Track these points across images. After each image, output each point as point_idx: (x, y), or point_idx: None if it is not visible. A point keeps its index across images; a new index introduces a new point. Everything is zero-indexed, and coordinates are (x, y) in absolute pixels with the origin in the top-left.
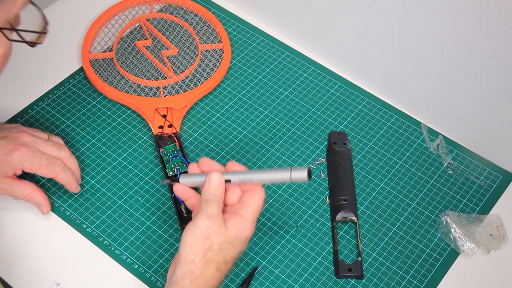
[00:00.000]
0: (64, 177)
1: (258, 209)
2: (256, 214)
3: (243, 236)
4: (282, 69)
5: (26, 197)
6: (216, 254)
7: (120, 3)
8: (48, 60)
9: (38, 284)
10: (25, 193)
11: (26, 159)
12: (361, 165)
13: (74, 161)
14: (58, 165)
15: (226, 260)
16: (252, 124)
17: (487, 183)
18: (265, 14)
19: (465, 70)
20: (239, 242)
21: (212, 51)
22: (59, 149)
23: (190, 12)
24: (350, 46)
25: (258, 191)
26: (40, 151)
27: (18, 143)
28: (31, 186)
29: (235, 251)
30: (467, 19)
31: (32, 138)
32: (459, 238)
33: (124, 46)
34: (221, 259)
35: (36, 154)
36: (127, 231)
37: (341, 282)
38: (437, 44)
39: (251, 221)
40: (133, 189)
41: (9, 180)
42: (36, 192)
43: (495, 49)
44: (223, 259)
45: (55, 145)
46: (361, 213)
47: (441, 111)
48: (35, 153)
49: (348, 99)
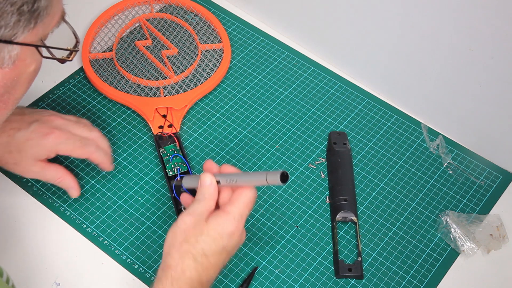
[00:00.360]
0: (98, 156)
1: (244, 206)
2: (242, 210)
3: (224, 230)
4: (282, 69)
5: (56, 180)
6: (192, 246)
7: (120, 3)
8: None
9: (38, 284)
10: (56, 176)
11: (60, 142)
12: (361, 165)
13: (105, 140)
14: (91, 145)
15: (204, 253)
16: (252, 124)
17: (487, 183)
18: (265, 14)
19: (465, 70)
20: (218, 235)
21: (212, 51)
22: (90, 130)
23: (190, 12)
24: (350, 46)
25: (247, 190)
26: (73, 133)
27: (51, 126)
28: (62, 170)
29: (214, 244)
30: (467, 19)
31: (63, 120)
32: (459, 238)
33: (124, 46)
34: (198, 251)
35: (69, 136)
36: (127, 231)
37: (341, 282)
38: (437, 44)
39: (236, 217)
40: (133, 189)
41: (41, 163)
42: (66, 175)
43: (495, 49)
44: (201, 251)
45: (86, 126)
46: (361, 213)
47: (441, 111)
48: (68, 135)
49: (348, 99)
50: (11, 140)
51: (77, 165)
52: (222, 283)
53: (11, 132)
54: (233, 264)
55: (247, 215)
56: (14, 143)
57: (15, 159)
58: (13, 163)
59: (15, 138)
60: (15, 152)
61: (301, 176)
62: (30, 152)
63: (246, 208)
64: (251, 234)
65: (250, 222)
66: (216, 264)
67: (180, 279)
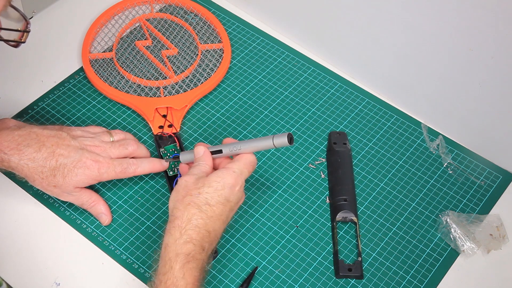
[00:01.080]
0: (142, 170)
1: (244, 165)
2: (242, 168)
3: (225, 181)
4: (282, 69)
5: (90, 205)
6: (195, 197)
7: (120, 3)
8: (48, 60)
9: (38, 284)
10: (90, 201)
11: (104, 172)
12: (361, 165)
13: (142, 149)
14: (131, 164)
15: (208, 202)
16: (252, 124)
17: (487, 183)
18: (265, 14)
19: (465, 70)
20: (220, 186)
21: (212, 51)
22: (125, 147)
23: (190, 12)
24: (350, 46)
25: (247, 154)
26: (112, 158)
27: (95, 157)
28: (95, 195)
29: (216, 194)
30: (467, 19)
31: (102, 148)
32: (459, 238)
33: (124, 46)
34: (201, 200)
35: (110, 164)
36: (127, 231)
37: (341, 282)
38: (437, 44)
39: (236, 171)
40: (133, 189)
41: (79, 189)
42: (99, 201)
43: (495, 49)
44: (204, 200)
45: (121, 146)
46: (361, 213)
47: (441, 111)
48: (109, 163)
49: (348, 99)
50: (58, 166)
51: None
52: (222, 283)
53: (59, 158)
54: (233, 264)
55: (247, 176)
56: (61, 169)
57: (57, 183)
58: (53, 185)
59: (62, 165)
60: (59, 177)
61: (301, 176)
62: (74, 180)
63: (246, 168)
64: (251, 234)
65: (250, 222)
66: (220, 215)
67: (187, 227)
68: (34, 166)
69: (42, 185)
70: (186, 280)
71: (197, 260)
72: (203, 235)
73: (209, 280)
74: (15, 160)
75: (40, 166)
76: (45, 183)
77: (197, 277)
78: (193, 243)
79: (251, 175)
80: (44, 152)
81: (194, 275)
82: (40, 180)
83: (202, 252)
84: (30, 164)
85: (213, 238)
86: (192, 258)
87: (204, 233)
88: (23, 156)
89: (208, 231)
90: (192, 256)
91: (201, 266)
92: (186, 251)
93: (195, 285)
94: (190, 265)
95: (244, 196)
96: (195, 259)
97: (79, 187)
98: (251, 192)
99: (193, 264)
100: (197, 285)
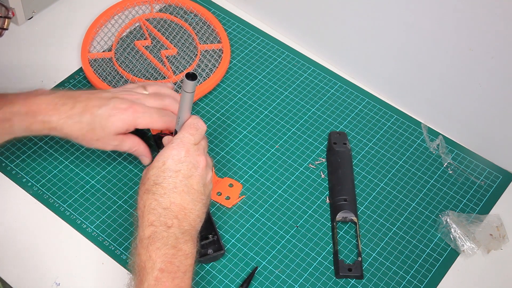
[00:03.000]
0: None
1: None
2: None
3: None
4: (282, 69)
5: (132, 149)
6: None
7: (120, 3)
8: (48, 60)
9: (38, 284)
10: (133, 146)
11: (139, 116)
12: (361, 165)
13: None
14: (168, 115)
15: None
16: (252, 124)
17: (487, 183)
18: (265, 14)
19: (465, 70)
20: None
21: (211, 51)
22: (162, 99)
23: (190, 12)
24: (350, 46)
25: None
26: (148, 107)
27: (129, 101)
28: (137, 139)
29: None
30: (467, 19)
31: (136, 96)
32: (459, 238)
33: (123, 46)
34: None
35: (146, 110)
36: (127, 231)
37: (341, 282)
38: (437, 44)
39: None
40: (133, 189)
41: (121, 136)
42: (141, 144)
43: (495, 49)
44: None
45: (158, 97)
46: (361, 213)
47: (441, 111)
48: (144, 109)
49: (348, 99)
50: (94, 118)
51: (77, 165)
52: (222, 283)
53: (93, 110)
54: (233, 264)
55: (194, 140)
56: (97, 120)
57: (98, 136)
58: (96, 139)
59: (98, 116)
60: (98, 129)
61: (301, 176)
62: (112, 128)
63: (186, 132)
64: (251, 234)
65: (250, 222)
66: (174, 187)
67: (145, 213)
68: (72, 123)
69: (86, 140)
70: (154, 260)
71: (163, 238)
72: (160, 213)
73: (209, 280)
74: (55, 120)
75: (77, 123)
76: (88, 138)
77: (168, 254)
78: (154, 225)
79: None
80: (78, 107)
81: (164, 253)
82: (81, 136)
83: (169, 229)
84: (68, 122)
85: (178, 211)
86: (154, 238)
87: (160, 211)
88: (62, 114)
89: (164, 208)
90: (153, 237)
91: (171, 242)
92: (147, 234)
93: (168, 262)
94: (155, 245)
95: (205, 159)
96: (160, 238)
97: (120, 133)
98: (251, 192)
99: (159, 244)
100: (171, 262)
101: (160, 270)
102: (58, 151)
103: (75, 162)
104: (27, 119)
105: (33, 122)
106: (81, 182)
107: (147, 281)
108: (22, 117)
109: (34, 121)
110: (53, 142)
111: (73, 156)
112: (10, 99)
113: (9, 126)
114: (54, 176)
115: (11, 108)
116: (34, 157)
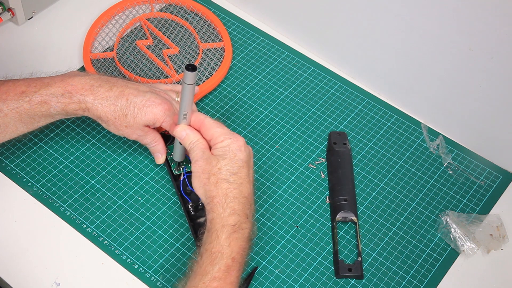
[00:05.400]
0: None
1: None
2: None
3: (231, 148)
4: (282, 69)
5: (152, 143)
6: (219, 174)
7: (121, 3)
8: (49, 60)
9: (38, 284)
10: (153, 141)
11: (169, 115)
12: (361, 165)
13: None
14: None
15: (232, 172)
16: (252, 124)
17: (487, 183)
18: (265, 14)
19: (465, 70)
20: (232, 153)
21: (213, 50)
22: None
23: (190, 11)
24: (350, 46)
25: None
26: None
27: (164, 99)
28: (159, 136)
29: (233, 162)
30: (467, 19)
31: (168, 97)
32: (459, 238)
33: (125, 46)
34: (225, 174)
35: (173, 113)
36: (127, 231)
37: (341, 282)
38: (437, 44)
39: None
40: (133, 189)
41: (146, 128)
42: (160, 141)
43: (495, 49)
44: (228, 172)
45: None
46: (361, 213)
47: (441, 111)
48: (173, 112)
49: (348, 99)
50: (129, 104)
51: (77, 165)
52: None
53: (129, 96)
54: None
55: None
56: (131, 107)
57: (128, 122)
58: (125, 125)
59: (133, 103)
60: (130, 116)
61: (301, 176)
62: (143, 118)
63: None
64: None
65: None
66: (245, 178)
67: (227, 201)
68: (107, 105)
69: (115, 125)
70: (232, 249)
71: (243, 230)
72: (243, 203)
73: None
74: (90, 100)
75: (112, 105)
76: (118, 122)
77: (242, 247)
78: (238, 214)
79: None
80: (115, 91)
81: (240, 245)
82: (113, 120)
83: (247, 221)
84: (103, 103)
85: (251, 202)
86: (238, 228)
87: (243, 200)
88: (97, 95)
89: (245, 197)
90: (238, 227)
91: (246, 236)
92: (232, 222)
93: (239, 254)
94: (236, 235)
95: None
96: (241, 229)
97: (148, 126)
98: None
99: (239, 235)
100: (242, 254)
101: (233, 259)
102: (58, 151)
103: (75, 162)
104: (63, 100)
105: (69, 103)
106: (81, 182)
107: (218, 264)
108: (59, 98)
109: (70, 102)
110: (53, 142)
111: (73, 156)
112: (46, 82)
113: (47, 108)
114: (54, 176)
115: (48, 90)
116: (34, 157)
